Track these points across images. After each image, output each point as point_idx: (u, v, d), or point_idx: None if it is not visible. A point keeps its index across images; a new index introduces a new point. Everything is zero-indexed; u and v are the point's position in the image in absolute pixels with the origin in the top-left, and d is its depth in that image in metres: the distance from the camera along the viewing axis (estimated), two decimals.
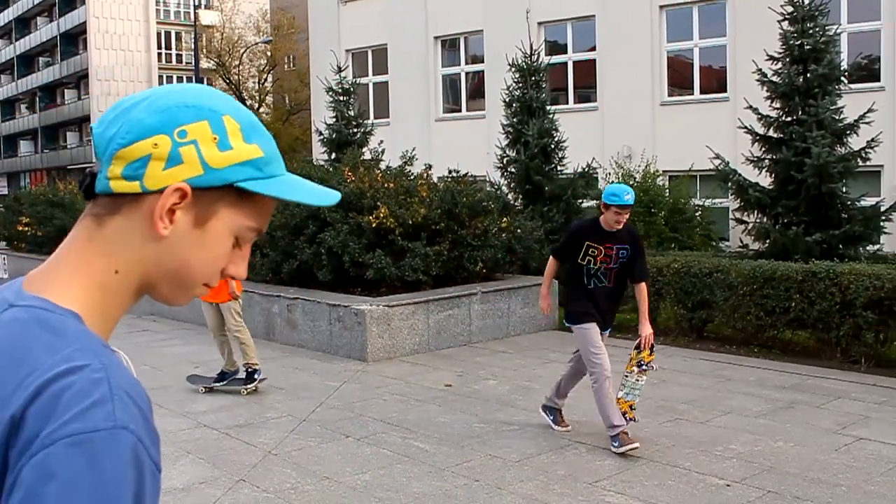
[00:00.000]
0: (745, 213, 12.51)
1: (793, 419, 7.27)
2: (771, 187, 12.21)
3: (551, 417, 6.96)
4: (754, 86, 12.83)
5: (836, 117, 12.19)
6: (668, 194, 17.16)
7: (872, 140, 12.04)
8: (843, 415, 7.33)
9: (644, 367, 6.66)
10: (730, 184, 12.53)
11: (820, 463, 6.13)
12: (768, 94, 12.55)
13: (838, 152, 11.94)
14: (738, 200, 12.46)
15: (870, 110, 12.20)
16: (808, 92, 12.15)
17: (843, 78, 12.72)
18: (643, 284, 6.64)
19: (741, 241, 12.85)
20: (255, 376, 8.36)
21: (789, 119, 12.33)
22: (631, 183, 16.85)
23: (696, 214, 16.91)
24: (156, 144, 1.09)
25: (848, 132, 12.22)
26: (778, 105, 12.49)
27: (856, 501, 5.41)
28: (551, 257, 6.93)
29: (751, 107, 12.59)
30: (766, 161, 12.37)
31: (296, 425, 7.19)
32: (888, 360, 9.09)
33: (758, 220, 12.30)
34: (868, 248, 12.13)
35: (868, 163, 12.64)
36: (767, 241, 11.89)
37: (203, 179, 1.10)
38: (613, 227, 6.40)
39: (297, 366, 9.58)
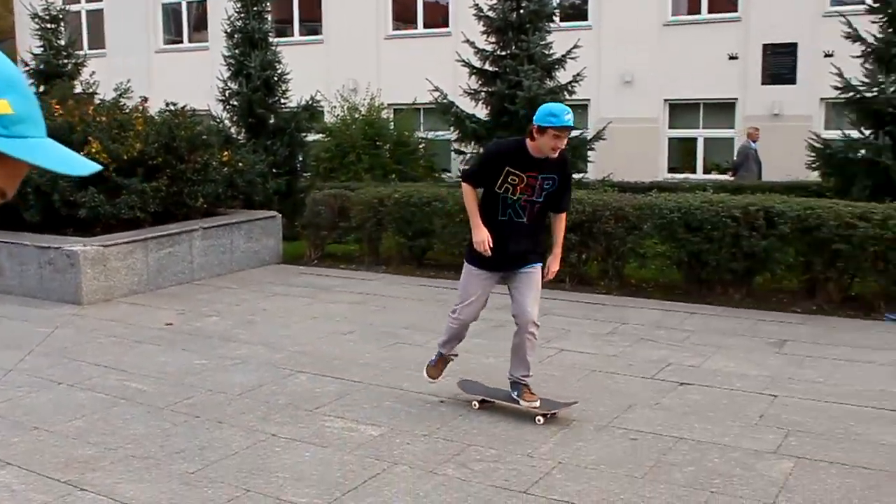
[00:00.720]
0: (464, 144, 13.01)
1: (503, 336, 7.67)
2: (487, 119, 12.76)
3: (515, 393, 5.74)
4: (473, 20, 13.25)
5: (546, 52, 12.89)
6: (392, 127, 17.46)
7: (578, 75, 12.84)
8: (548, 329, 7.87)
9: None
10: (449, 116, 12.96)
11: None
12: (485, 29, 13.03)
13: (548, 85, 12.64)
14: (457, 132, 12.93)
15: (576, 46, 12.99)
16: (521, 28, 12.73)
17: (553, 15, 13.44)
18: (564, 215, 5.75)
19: (461, 171, 13.35)
20: None
21: (503, 53, 12.89)
22: (356, 116, 17.01)
23: (420, 147, 17.35)
24: None
25: (556, 67, 12.97)
26: (493, 40, 13.01)
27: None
28: (464, 184, 5.64)
29: (468, 41, 13.02)
30: (483, 94, 12.90)
31: (1, 377, 6.75)
32: (589, 278, 9.87)
33: (475, 151, 12.84)
34: (574, 175, 12.98)
35: (575, 96, 13.49)
36: None
37: None
38: (548, 154, 5.32)
39: (4, 314, 8.97)
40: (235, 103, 14.12)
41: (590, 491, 4.49)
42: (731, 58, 17.79)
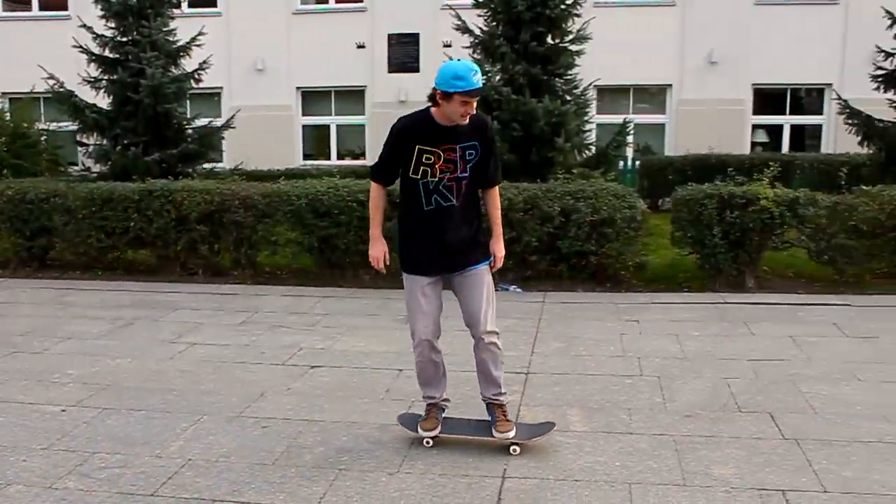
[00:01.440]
0: (86, 136, 12.38)
1: (132, 335, 7.49)
2: (109, 108, 12.23)
3: (491, 417, 5.03)
4: (92, 4, 12.59)
5: (171, 39, 12.57)
6: (9, 118, 16.25)
7: (204, 62, 12.65)
8: (179, 324, 7.75)
9: None
10: (66, 106, 12.26)
11: (156, 373, 6.41)
12: (103, 13, 12.44)
13: (173, 73, 12.33)
14: (78, 123, 12.29)
15: (201, 33, 12.77)
16: (142, 13, 12.32)
17: (178, 1, 13.12)
18: (495, 190, 4.90)
19: (83, 164, 12.73)
20: None
21: (125, 40, 12.38)
22: None
23: (42, 139, 16.26)
24: None
25: (182, 54, 12.68)
26: (113, 25, 12.46)
27: (187, 402, 5.77)
28: (373, 182, 4.84)
29: (85, 25, 12.35)
30: (104, 82, 12.32)
31: None
32: (224, 269, 9.83)
33: (98, 143, 12.28)
34: (206, 165, 12.83)
35: (205, 84, 13.28)
36: (109, 162, 11.94)
37: None
38: (458, 122, 4.55)
39: None
40: None
41: (220, 484, 4.49)
42: (360, 47, 18.41)
